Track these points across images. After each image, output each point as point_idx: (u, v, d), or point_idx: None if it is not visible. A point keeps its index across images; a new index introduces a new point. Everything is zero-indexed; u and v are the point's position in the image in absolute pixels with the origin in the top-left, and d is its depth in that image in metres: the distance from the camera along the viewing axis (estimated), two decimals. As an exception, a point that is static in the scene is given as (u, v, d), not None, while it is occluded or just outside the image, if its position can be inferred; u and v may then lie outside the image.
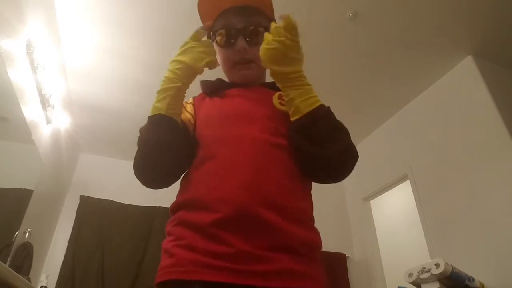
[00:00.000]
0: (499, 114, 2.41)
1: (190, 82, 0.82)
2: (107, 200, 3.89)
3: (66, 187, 3.76)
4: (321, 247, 0.71)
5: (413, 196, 3.01)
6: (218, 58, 0.85)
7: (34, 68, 2.17)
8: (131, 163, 0.84)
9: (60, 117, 2.95)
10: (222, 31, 0.82)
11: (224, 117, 0.77)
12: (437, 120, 2.91)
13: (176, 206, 0.74)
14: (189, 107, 0.86)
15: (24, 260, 2.44)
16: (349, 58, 2.81)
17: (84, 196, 3.83)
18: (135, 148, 0.84)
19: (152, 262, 3.77)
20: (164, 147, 0.75)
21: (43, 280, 3.12)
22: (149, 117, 0.79)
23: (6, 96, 1.88)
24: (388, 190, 3.46)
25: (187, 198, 0.71)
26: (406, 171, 3.11)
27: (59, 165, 3.22)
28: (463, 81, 2.75)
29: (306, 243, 0.66)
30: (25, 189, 2.45)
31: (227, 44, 0.82)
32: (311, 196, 0.77)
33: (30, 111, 2.26)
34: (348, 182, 3.98)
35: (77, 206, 3.76)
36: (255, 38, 0.81)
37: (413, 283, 2.10)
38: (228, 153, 0.70)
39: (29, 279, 2.35)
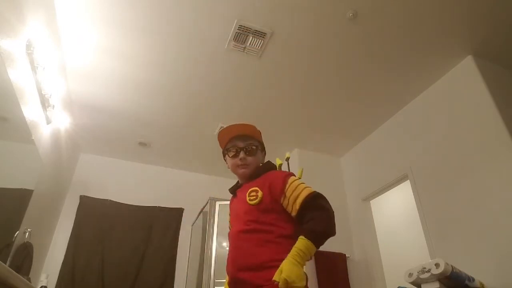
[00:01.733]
0: (499, 114, 2.41)
1: None
2: (107, 200, 3.90)
3: (66, 187, 3.76)
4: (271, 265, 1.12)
5: (413, 196, 3.01)
6: (229, 164, 1.43)
7: (34, 68, 2.17)
8: (131, 163, 0.95)
9: (60, 117, 2.95)
10: (232, 148, 1.41)
11: (232, 215, 1.44)
12: (437, 120, 2.91)
13: None
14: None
15: (24, 260, 2.44)
16: (349, 58, 2.81)
17: (84, 196, 3.83)
18: (135, 148, 0.90)
19: (152, 262, 3.77)
20: None
21: (43, 280, 3.12)
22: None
23: (6, 96, 1.88)
24: (388, 190, 3.46)
25: None
26: (406, 171, 3.11)
27: (59, 165, 3.22)
28: (463, 81, 2.75)
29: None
30: (25, 189, 2.45)
31: (234, 156, 1.40)
32: (280, 242, 1.21)
33: (30, 111, 2.26)
34: (348, 182, 3.98)
35: (77, 206, 3.77)
36: (250, 151, 1.40)
37: (413, 283, 2.10)
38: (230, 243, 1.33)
39: (29, 279, 2.36)
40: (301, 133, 3.74)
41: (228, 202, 1.50)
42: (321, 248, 1.16)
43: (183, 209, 4.17)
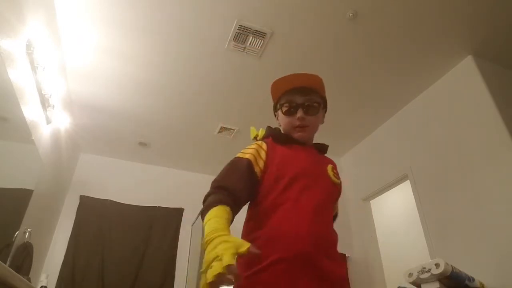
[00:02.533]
0: (499, 114, 2.41)
1: None
2: (107, 200, 3.89)
3: (66, 187, 3.76)
4: None
5: (413, 196, 3.01)
6: (282, 122, 1.16)
7: (34, 68, 2.17)
8: (131, 163, 0.91)
9: (60, 117, 2.95)
10: (287, 104, 1.13)
11: (298, 173, 1.02)
12: (437, 120, 2.91)
13: None
14: (263, 154, 1.07)
15: (24, 260, 2.44)
16: (348, 58, 2.81)
17: (84, 196, 3.83)
18: (135, 148, 0.89)
19: (152, 262, 3.77)
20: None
21: (43, 280, 3.12)
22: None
23: (6, 96, 1.88)
24: (388, 190, 3.46)
25: None
26: (406, 171, 3.11)
27: (59, 165, 3.22)
28: (463, 81, 2.74)
29: None
30: (25, 189, 2.45)
31: (289, 113, 1.12)
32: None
33: (30, 111, 2.26)
34: (348, 182, 3.98)
35: (77, 206, 3.76)
36: (310, 110, 1.12)
37: (413, 283, 2.10)
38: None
39: (29, 279, 2.36)
40: (301, 133, 3.74)
41: None
42: None
43: (183, 209, 4.17)
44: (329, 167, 1.12)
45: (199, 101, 3.29)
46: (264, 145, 1.09)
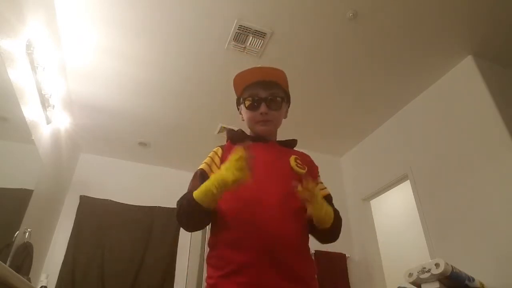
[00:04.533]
0: (499, 114, 2.41)
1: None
2: (107, 200, 3.90)
3: (66, 187, 3.76)
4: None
5: (413, 196, 3.01)
6: (245, 117, 1.14)
7: (34, 68, 2.17)
8: (131, 163, 0.94)
9: (60, 117, 2.95)
10: (250, 98, 1.11)
11: (256, 169, 0.94)
12: (437, 120, 2.91)
13: None
14: (217, 160, 1.08)
15: (24, 260, 2.44)
16: (348, 58, 2.81)
17: (84, 196, 3.83)
18: (135, 148, 0.92)
19: (152, 262, 3.77)
20: (202, 220, 0.99)
21: (43, 280, 3.13)
22: (196, 201, 0.92)
23: (6, 96, 1.88)
24: (388, 190, 3.46)
25: None
26: (406, 171, 3.11)
27: (59, 165, 3.22)
28: (463, 81, 2.74)
29: None
30: (25, 189, 2.45)
31: (252, 108, 1.10)
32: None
33: (30, 111, 2.26)
34: (348, 182, 3.98)
35: (77, 206, 3.76)
36: (273, 105, 1.09)
37: (413, 283, 2.10)
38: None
39: (29, 279, 2.36)
40: (301, 133, 3.73)
41: None
42: (321, 248, 1.20)
43: (183, 209, 4.16)
44: (292, 158, 1.06)
45: (199, 101, 3.29)
46: (219, 151, 1.09)
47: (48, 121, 2.63)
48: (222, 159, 1.05)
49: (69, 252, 3.49)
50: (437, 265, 1.94)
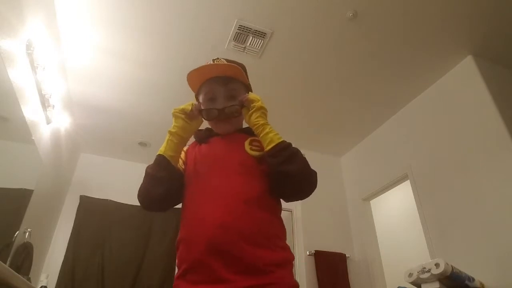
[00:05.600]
0: (499, 114, 2.41)
1: (187, 137, 1.06)
2: (107, 200, 3.89)
3: (66, 187, 3.76)
4: None
5: (413, 196, 3.01)
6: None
7: (34, 68, 2.17)
8: (131, 163, 0.96)
9: (60, 117, 2.95)
10: (206, 95, 1.07)
11: (204, 164, 1.00)
12: (437, 120, 2.91)
13: None
14: (183, 155, 1.08)
15: (24, 260, 2.44)
16: (349, 58, 2.81)
17: (84, 196, 3.83)
18: (135, 148, 0.93)
19: (152, 262, 3.77)
20: (157, 180, 0.97)
21: (43, 280, 3.13)
22: (158, 154, 1.00)
23: (6, 96, 1.88)
24: (388, 190, 3.46)
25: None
26: (406, 171, 3.11)
27: (59, 165, 3.22)
28: (463, 81, 2.75)
29: None
30: (25, 189, 2.45)
31: (210, 117, 1.05)
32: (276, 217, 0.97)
33: (30, 111, 2.26)
34: (348, 182, 3.98)
35: (77, 206, 3.76)
36: (232, 99, 1.04)
37: (413, 283, 2.10)
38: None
39: (29, 279, 2.36)
40: (301, 133, 3.74)
41: None
42: (321, 248, 1.17)
43: (183, 209, 4.16)
44: (247, 141, 1.01)
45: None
46: (182, 154, 1.08)
47: (48, 121, 2.63)
48: (184, 162, 1.06)
49: (69, 252, 3.49)
50: (437, 265, 1.94)
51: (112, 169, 4.17)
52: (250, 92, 1.09)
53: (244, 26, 2.52)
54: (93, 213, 3.75)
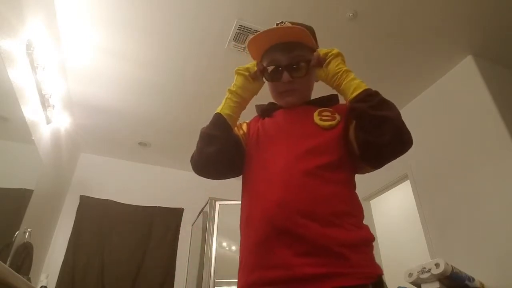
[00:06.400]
0: (499, 114, 2.41)
1: (250, 98, 1.03)
2: (107, 200, 3.90)
3: (66, 187, 3.76)
4: None
5: (413, 196, 3.01)
6: (269, 88, 1.03)
7: (34, 68, 2.17)
8: (131, 163, 0.93)
9: (60, 117, 2.95)
10: (269, 67, 0.97)
11: (267, 138, 0.94)
12: (437, 120, 2.91)
13: None
14: (245, 126, 1.04)
15: (24, 260, 2.44)
16: (348, 58, 2.78)
17: (84, 196, 3.83)
18: (135, 148, 0.91)
19: (152, 262, 3.77)
20: (210, 138, 0.92)
21: (43, 280, 3.12)
22: (216, 113, 0.97)
23: (6, 96, 1.88)
24: (388, 190, 3.46)
25: None
26: (406, 171, 3.11)
27: (59, 165, 3.22)
28: (463, 81, 2.74)
29: None
30: (25, 189, 2.45)
31: (273, 78, 0.97)
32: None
33: (30, 111, 2.26)
34: (348, 182, 3.98)
35: (77, 206, 3.77)
36: (297, 72, 0.94)
37: (413, 283, 2.10)
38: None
39: (29, 279, 2.36)
40: (301, 133, 3.74)
41: (229, 202, 1.20)
42: None
43: (183, 209, 4.17)
44: (316, 112, 0.92)
45: (199, 101, 3.29)
46: (245, 126, 1.04)
47: (48, 121, 2.63)
48: (247, 135, 1.00)
49: (69, 252, 3.49)
50: (437, 265, 1.94)
51: (112, 169, 4.17)
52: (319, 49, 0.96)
53: (244, 26, 2.52)
54: (93, 213, 3.75)
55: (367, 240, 0.78)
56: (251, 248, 0.78)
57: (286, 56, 0.94)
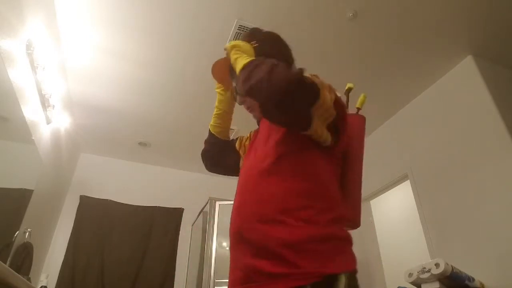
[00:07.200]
0: (499, 114, 2.41)
1: (229, 109, 1.25)
2: (107, 200, 3.90)
3: (66, 187, 3.76)
4: None
5: (413, 196, 3.01)
6: None
7: (34, 68, 2.17)
8: (131, 163, 0.97)
9: (60, 117, 2.95)
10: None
11: (250, 145, 1.07)
12: (437, 120, 2.91)
13: None
14: (248, 136, 1.21)
15: (24, 260, 2.44)
16: (348, 58, 2.81)
17: (84, 196, 3.83)
18: (135, 148, 0.95)
19: (152, 262, 3.77)
20: (205, 141, 1.27)
21: (43, 280, 3.12)
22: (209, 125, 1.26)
23: (6, 96, 1.88)
24: (388, 190, 3.46)
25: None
26: (406, 171, 3.11)
27: (59, 165, 3.22)
28: (463, 81, 2.74)
29: None
30: (25, 189, 2.45)
31: (236, 100, 1.12)
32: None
33: (30, 111, 2.26)
34: (348, 182, 3.98)
35: (77, 206, 3.77)
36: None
37: (413, 283, 2.10)
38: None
39: (29, 279, 2.36)
40: (301, 133, 3.74)
41: (229, 203, 1.38)
42: None
43: (183, 209, 4.17)
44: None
45: (199, 101, 3.29)
46: (250, 135, 1.21)
47: (48, 121, 2.63)
48: (250, 137, 1.16)
49: (69, 252, 3.49)
50: (437, 265, 1.94)
51: (112, 169, 4.17)
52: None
53: (244, 26, 2.52)
54: (93, 213, 3.75)
55: (318, 235, 0.71)
56: (230, 251, 0.85)
57: (232, 80, 1.08)
